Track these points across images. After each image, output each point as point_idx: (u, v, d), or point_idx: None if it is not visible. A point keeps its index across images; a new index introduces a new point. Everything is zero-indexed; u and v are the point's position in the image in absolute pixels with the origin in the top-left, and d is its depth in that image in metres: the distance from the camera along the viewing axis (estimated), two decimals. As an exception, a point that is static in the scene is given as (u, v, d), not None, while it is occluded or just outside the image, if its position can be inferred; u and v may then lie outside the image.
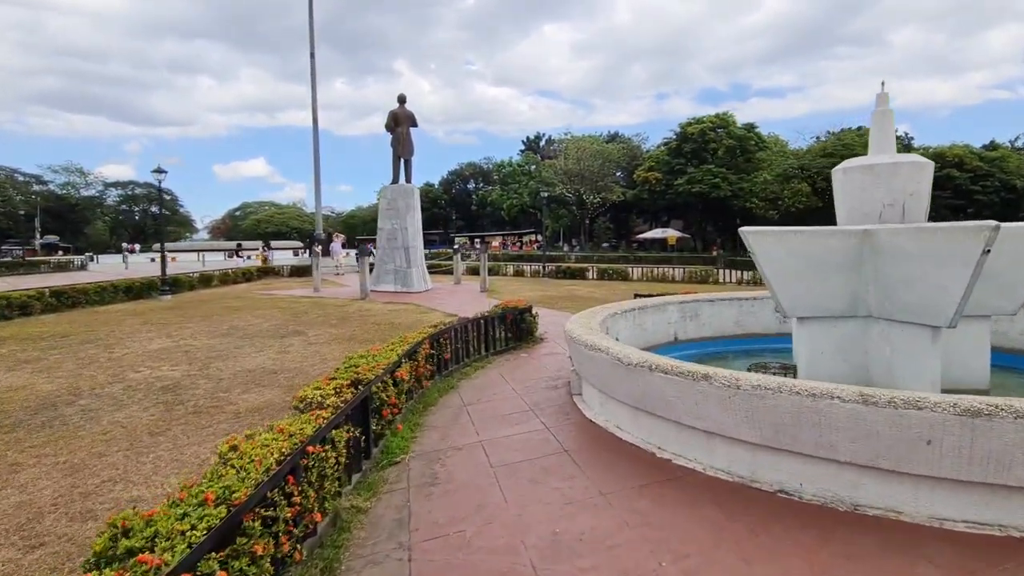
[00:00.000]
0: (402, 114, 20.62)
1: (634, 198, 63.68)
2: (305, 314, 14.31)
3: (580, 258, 48.55)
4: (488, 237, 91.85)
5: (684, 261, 42.60)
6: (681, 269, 24.09)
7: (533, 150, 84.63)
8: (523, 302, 10.55)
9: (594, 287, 21.78)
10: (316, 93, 32.94)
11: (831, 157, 50.29)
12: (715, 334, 9.62)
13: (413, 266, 20.05)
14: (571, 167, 62.71)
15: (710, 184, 51.53)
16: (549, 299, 17.49)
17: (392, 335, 11.31)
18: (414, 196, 20.50)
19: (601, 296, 18.16)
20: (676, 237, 60.66)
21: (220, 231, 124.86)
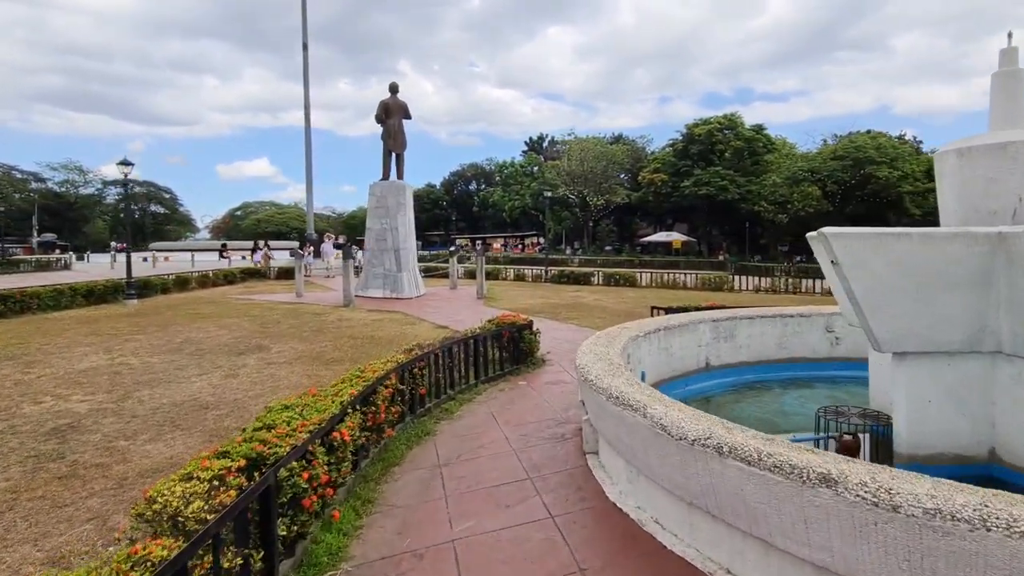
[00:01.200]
0: (394, 105, 19.00)
1: (638, 200, 62.05)
2: (276, 324, 12.66)
3: (584, 261, 46.90)
4: (489, 239, 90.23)
5: (692, 266, 40.95)
6: (693, 275, 22.45)
7: (536, 151, 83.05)
8: (521, 317, 8.87)
9: (600, 294, 20.11)
10: (308, 87, 31.39)
11: (841, 160, 48.68)
12: (753, 358, 7.95)
13: (404, 270, 18.40)
14: (574, 168, 61.09)
15: (717, 186, 49.88)
16: (552, 308, 15.83)
17: (370, 352, 9.67)
18: (406, 194, 18.85)
19: (610, 305, 16.50)
20: (681, 241, 58.99)
21: (221, 230, 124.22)
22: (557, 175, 62.45)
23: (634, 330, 6.67)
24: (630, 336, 6.34)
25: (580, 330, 11.97)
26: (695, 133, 52.85)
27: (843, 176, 47.43)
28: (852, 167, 46.86)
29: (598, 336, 6.18)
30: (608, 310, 15.37)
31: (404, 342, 10.56)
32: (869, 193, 48.23)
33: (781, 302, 17.12)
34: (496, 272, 27.29)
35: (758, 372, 7.88)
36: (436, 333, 11.48)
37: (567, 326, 12.52)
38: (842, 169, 47.28)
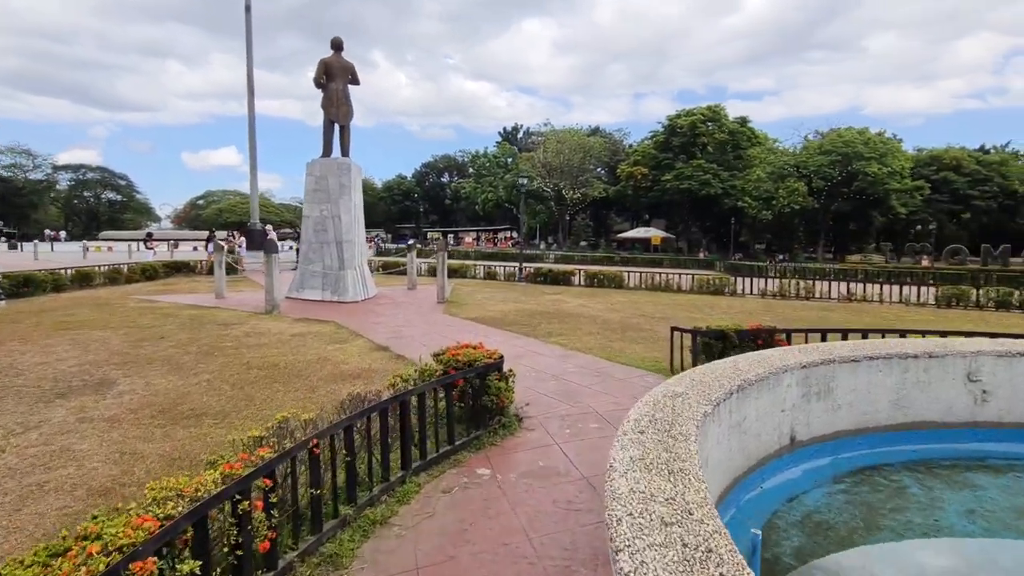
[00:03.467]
0: (337, 65, 15.62)
1: (616, 194, 59.48)
2: (157, 341, 9.29)
3: (561, 258, 43.98)
4: (461, 233, 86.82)
5: (679, 265, 38.40)
6: (688, 277, 19.68)
7: (510, 142, 79.82)
8: (485, 349, 5.78)
9: (585, 298, 17.12)
10: (251, 53, 27.64)
11: (828, 155, 46.80)
12: (856, 424, 5.07)
13: (348, 267, 15.10)
14: (550, 160, 58.17)
15: (700, 181, 47.55)
16: (528, 318, 12.76)
17: (262, 394, 6.45)
18: (351, 174, 15.52)
19: (599, 313, 13.50)
20: (661, 237, 56.63)
21: (183, 220, 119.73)
22: (532, 167, 59.40)
23: (693, 399, 3.63)
24: (693, 416, 3.30)
25: (567, 355, 8.93)
26: (677, 124, 50.41)
27: (830, 172, 45.57)
28: (840, 162, 45.00)
29: (633, 427, 3.09)
30: (599, 321, 12.37)
31: (320, 373, 7.40)
32: (856, 190, 46.49)
33: (805, 311, 14.40)
34: (465, 270, 24.11)
35: (863, 446, 4.99)
36: (369, 359, 8.31)
37: (549, 348, 9.46)
38: (829, 164, 45.41)
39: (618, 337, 10.54)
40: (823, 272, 28.82)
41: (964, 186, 51.24)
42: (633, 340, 10.23)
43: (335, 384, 6.91)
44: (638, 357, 8.75)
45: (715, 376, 4.26)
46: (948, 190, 51.31)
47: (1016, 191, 49.56)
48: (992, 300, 15.43)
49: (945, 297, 15.92)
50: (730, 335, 7.25)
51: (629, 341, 10.14)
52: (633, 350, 9.35)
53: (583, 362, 8.36)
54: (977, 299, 15.68)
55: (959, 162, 52.13)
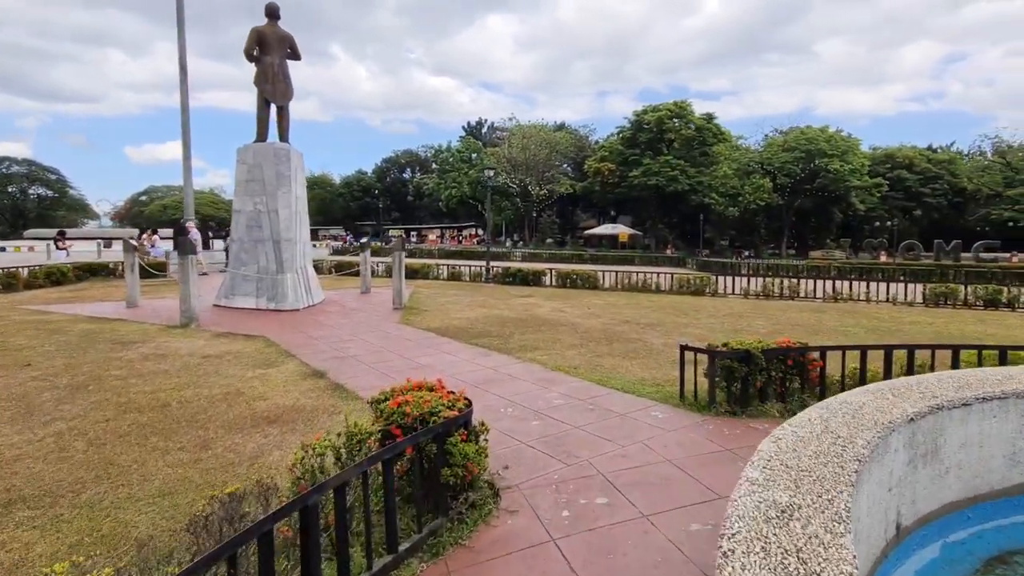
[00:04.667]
0: (272, 36, 13.58)
1: (583, 190, 58.35)
2: (17, 371, 7.22)
3: (528, 255, 42.44)
4: (425, 230, 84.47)
5: (650, 262, 37.37)
6: (667, 276, 18.35)
7: (475, 136, 77.85)
8: (448, 395, 4.03)
9: (559, 300, 15.54)
10: (183, 33, 24.98)
11: (792, 151, 46.70)
12: (968, 492, 3.66)
13: (287, 270, 13.12)
14: (516, 155, 56.60)
15: (668, 177, 46.73)
16: (500, 326, 11.08)
17: (133, 449, 4.59)
18: (291, 162, 13.52)
19: (577, 319, 11.92)
20: (628, 234, 55.80)
21: (122, 217, 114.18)
22: (497, 162, 57.69)
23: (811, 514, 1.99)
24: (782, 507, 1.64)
25: (550, 378, 7.29)
26: (644, 120, 49.51)
27: (794, 168, 45.47)
28: (803, 159, 44.93)
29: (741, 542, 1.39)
30: (579, 330, 10.79)
31: (225, 416, 5.57)
32: (818, 187, 46.51)
33: (796, 312, 13.16)
34: (427, 270, 22.23)
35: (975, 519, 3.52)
36: (297, 391, 6.50)
37: (527, 369, 7.80)
38: (794, 161, 45.32)
39: (605, 350, 8.97)
40: (797, 269, 28.12)
41: (916, 184, 52.07)
42: (623, 354, 8.68)
43: (240, 435, 5.09)
44: (635, 379, 7.18)
45: (813, 454, 2.67)
46: (902, 187, 52.04)
47: (964, 189, 50.61)
48: (981, 298, 14.56)
49: (933, 295, 15.00)
50: (756, 356, 5.74)
51: (619, 356, 8.58)
52: (626, 368, 7.79)
53: (571, 388, 6.74)
54: (965, 297, 14.80)
55: (911, 161, 52.96)
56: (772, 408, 5.83)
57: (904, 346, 6.15)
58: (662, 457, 4.64)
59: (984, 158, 54.52)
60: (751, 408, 5.82)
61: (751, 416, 5.71)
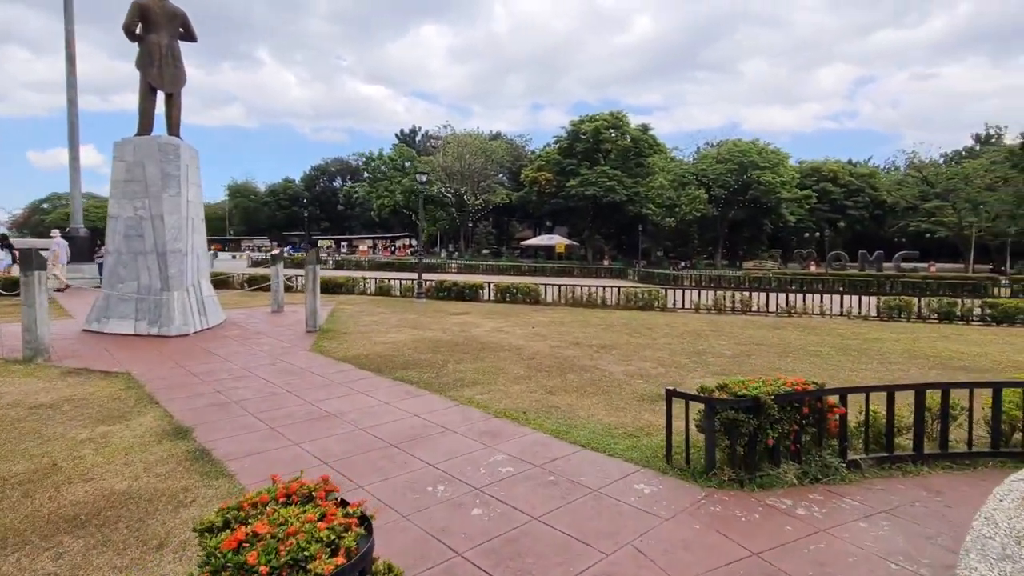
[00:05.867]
0: (159, 11, 11.39)
1: (520, 200, 57.38)
2: None
3: (464, 267, 40.72)
4: (356, 240, 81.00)
5: (589, 273, 36.56)
6: (614, 290, 17.19)
7: (408, 145, 75.54)
8: (328, 498, 2.26)
9: (499, 319, 13.98)
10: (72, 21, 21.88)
11: (726, 163, 47.62)
12: None
13: (175, 287, 10.88)
14: (451, 164, 54.90)
15: (605, 187, 46.44)
16: (431, 352, 9.37)
17: None
18: (180, 160, 11.32)
19: (521, 342, 10.37)
20: (565, 245, 55.24)
21: (20, 225, 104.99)
22: (432, 171, 55.75)
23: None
24: None
25: (493, 430, 5.68)
26: (581, 130, 49.15)
27: (728, 180, 46.35)
28: (737, 171, 45.88)
29: None
30: (525, 357, 9.25)
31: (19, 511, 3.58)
32: (750, 198, 47.58)
33: (757, 329, 12.18)
34: (352, 284, 20.10)
35: None
36: (143, 464, 4.59)
37: (464, 415, 6.16)
38: (727, 173, 46.19)
39: (558, 383, 7.46)
40: (739, 280, 27.94)
41: (840, 196, 54.47)
42: (580, 389, 7.20)
43: (14, 557, 3.17)
44: (601, 427, 5.70)
45: None
46: (827, 200, 54.27)
47: (884, 201, 53.41)
48: (935, 311, 14.22)
49: (888, 308, 14.56)
50: (767, 405, 4.37)
51: (575, 391, 7.09)
52: (587, 410, 6.30)
53: (522, 446, 5.16)
54: (919, 310, 14.45)
55: (835, 174, 55.44)
56: (787, 472, 4.47)
57: (938, 385, 4.97)
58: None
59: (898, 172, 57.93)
60: (761, 472, 4.44)
61: (763, 486, 4.32)
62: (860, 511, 3.97)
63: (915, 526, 3.78)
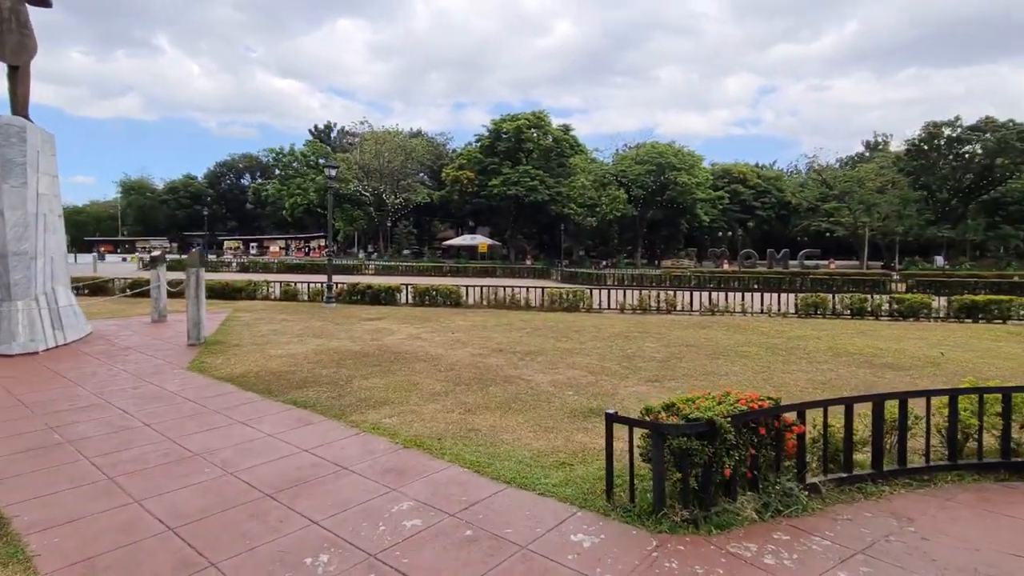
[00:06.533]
0: (-6, -40, 9.43)
1: (442, 199, 56.08)
2: None
3: (382, 268, 38.95)
4: (267, 241, 76.36)
5: (512, 273, 35.90)
6: (538, 291, 16.53)
7: (323, 141, 72.10)
8: None
9: (417, 324, 12.91)
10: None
11: (645, 164, 48.73)
12: None
13: (19, 297, 9.05)
14: (369, 162, 52.68)
15: (527, 186, 46.14)
16: (335, 365, 8.20)
17: None
18: (26, 144, 9.45)
19: (442, 352, 9.38)
20: (487, 244, 54.52)
21: None
22: (348, 169, 53.29)
23: None
24: None
25: (400, 466, 4.71)
26: (503, 129, 48.60)
27: (647, 180, 47.45)
28: (655, 172, 47.04)
29: None
30: (443, 368, 8.29)
31: None
32: (668, 199, 48.93)
33: (683, 330, 11.84)
34: (254, 288, 18.22)
35: None
36: None
37: (366, 447, 5.14)
38: (646, 174, 47.26)
39: (479, 400, 6.57)
40: (660, 279, 28.27)
41: (750, 197, 57.31)
42: (504, 405, 6.34)
43: None
44: (530, 454, 4.86)
45: None
46: (738, 201, 56.91)
47: (788, 202, 56.75)
48: (848, 308, 14.62)
49: (805, 305, 14.82)
50: (723, 429, 3.68)
51: (499, 408, 6.23)
52: (513, 432, 5.45)
53: (434, 486, 4.21)
54: (833, 307, 14.81)
55: (745, 176, 58.28)
56: (746, 505, 3.81)
57: (895, 395, 4.52)
58: None
59: (801, 175, 61.85)
60: (717, 508, 3.75)
61: (721, 526, 3.63)
62: (834, 554, 3.35)
63: (898, 570, 3.19)
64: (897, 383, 7.72)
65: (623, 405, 6.48)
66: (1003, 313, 13.83)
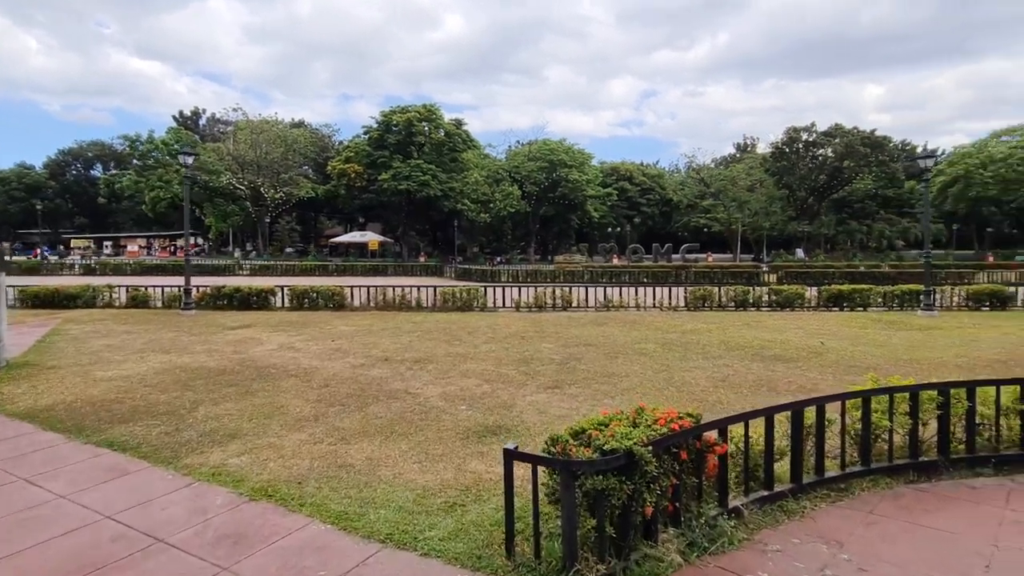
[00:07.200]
0: None
1: (327, 194, 52.92)
2: None
3: (260, 268, 35.77)
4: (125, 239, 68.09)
5: (404, 271, 34.38)
6: (429, 290, 15.52)
7: (191, 129, 65.38)
8: None
9: (290, 332, 11.46)
10: None
11: (537, 161, 49.09)
12: None
13: None
14: (244, 153, 48.35)
15: (419, 181, 44.63)
16: (179, 389, 6.77)
17: None
18: None
19: (316, 364, 8.17)
20: (378, 242, 52.29)
21: None
22: (220, 159, 48.59)
23: None
24: None
25: (240, 530, 3.62)
26: (393, 121, 46.61)
27: (540, 177, 47.83)
28: (547, 168, 47.52)
29: None
30: (315, 383, 7.14)
31: None
32: (559, 195, 49.67)
33: (580, 328, 11.46)
34: (95, 294, 15.47)
35: None
36: None
37: (198, 503, 3.98)
38: (539, 170, 47.60)
39: (357, 424, 5.56)
40: (555, 275, 28.29)
41: (636, 194, 59.82)
42: (387, 430, 5.40)
43: None
44: (413, 496, 3.97)
45: None
46: (625, 198, 59.17)
47: (671, 199, 59.87)
48: (733, 300, 15.15)
49: (695, 299, 15.16)
50: (643, 460, 3.03)
51: (380, 434, 5.27)
52: (395, 466, 4.53)
53: (283, 559, 3.21)
54: (719, 299, 15.28)
55: (631, 174, 60.77)
56: (670, 547, 3.22)
57: (812, 401, 4.16)
58: None
59: (681, 174, 65.67)
60: (638, 555, 3.10)
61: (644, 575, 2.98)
62: (776, 604, 2.81)
63: (847, 618, 2.70)
64: (790, 375, 7.75)
65: (522, 419, 5.79)
66: (864, 301, 15.00)
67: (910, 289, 15.40)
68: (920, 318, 13.55)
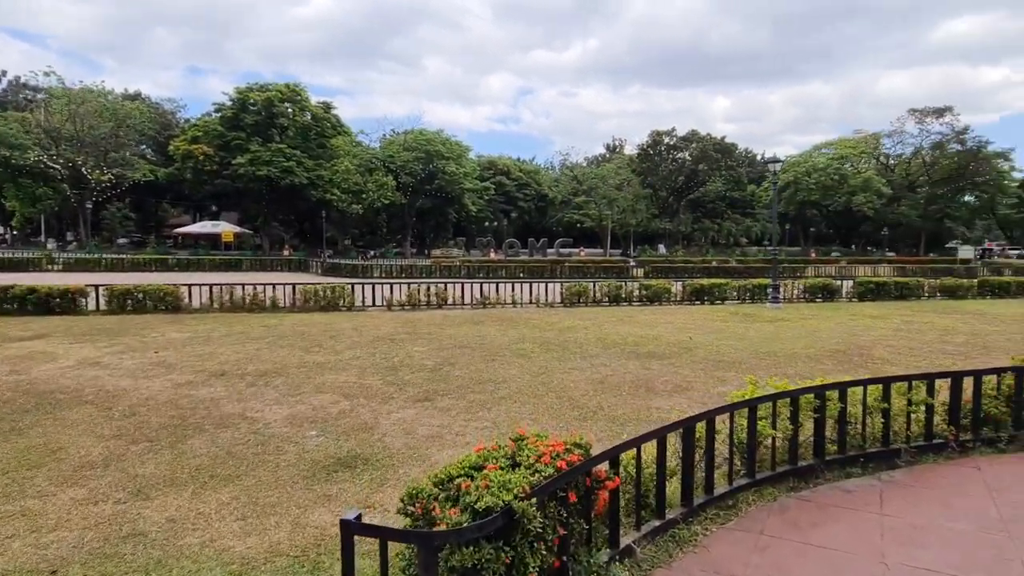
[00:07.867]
0: None
1: (170, 178, 46.99)
2: None
3: (77, 262, 30.36)
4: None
5: (262, 266, 31.19)
6: (289, 287, 13.82)
7: (-12, 94, 54.72)
8: None
9: (103, 341, 9.45)
10: None
11: (413, 151, 47.49)
12: None
13: None
14: (60, 126, 41.35)
15: (282, 167, 41.12)
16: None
17: None
18: None
19: (127, 386, 6.61)
20: (234, 233, 47.53)
21: None
22: (26, 132, 41.08)
23: None
24: None
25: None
26: (250, 100, 42.41)
27: (416, 168, 46.37)
28: (424, 160, 46.20)
29: None
30: (118, 412, 5.69)
31: None
32: (436, 188, 48.56)
33: (454, 327, 10.72)
34: None
35: None
36: None
37: None
38: (415, 161, 46.12)
39: (164, 468, 4.35)
40: (431, 270, 27.27)
41: (513, 189, 60.40)
42: (206, 472, 4.27)
43: None
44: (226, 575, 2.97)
45: None
46: (502, 192, 59.50)
47: (546, 195, 61.21)
48: (606, 295, 15.33)
49: (570, 294, 15.11)
50: (527, 517, 2.36)
51: (194, 480, 4.14)
52: (208, 528, 3.48)
53: None
54: (594, 294, 15.38)
55: (508, 169, 61.25)
56: (557, 619, 2.57)
57: (702, 416, 3.78)
58: None
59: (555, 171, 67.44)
60: (518, 637, 2.43)
61: (528, 673, 2.31)
62: None
63: None
64: (665, 373, 7.64)
65: (384, 444, 4.93)
66: (722, 295, 15.95)
67: (759, 283, 16.72)
68: (769, 310, 14.60)
